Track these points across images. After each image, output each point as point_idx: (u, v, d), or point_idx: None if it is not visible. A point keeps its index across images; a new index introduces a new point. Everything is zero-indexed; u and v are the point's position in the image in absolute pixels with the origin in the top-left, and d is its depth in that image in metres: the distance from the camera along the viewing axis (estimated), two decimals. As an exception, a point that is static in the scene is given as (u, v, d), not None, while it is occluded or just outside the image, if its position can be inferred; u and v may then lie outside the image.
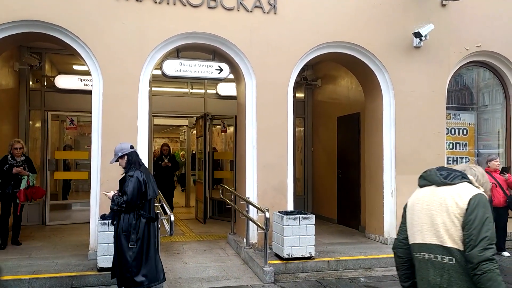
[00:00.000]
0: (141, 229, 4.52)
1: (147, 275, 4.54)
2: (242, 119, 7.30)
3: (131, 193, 4.45)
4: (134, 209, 4.52)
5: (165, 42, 6.66)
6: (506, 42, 7.91)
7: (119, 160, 4.70)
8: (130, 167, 4.66)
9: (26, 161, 7.06)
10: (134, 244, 4.45)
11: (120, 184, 4.77)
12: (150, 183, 4.65)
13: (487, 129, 8.57)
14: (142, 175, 4.60)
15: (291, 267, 6.11)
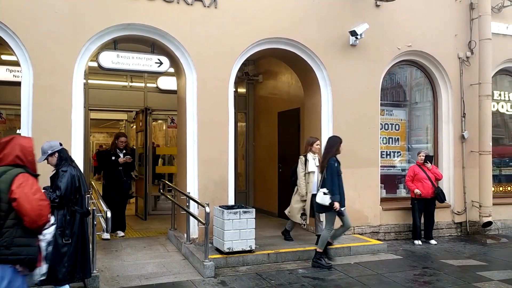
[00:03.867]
0: (76, 224, 4.45)
1: (83, 269, 4.49)
2: (182, 114, 7.22)
3: (64, 187, 4.37)
4: (68, 204, 4.43)
5: (101, 33, 6.43)
6: (434, 42, 8.39)
7: (49, 158, 4.58)
8: (62, 164, 4.56)
9: None
10: (68, 239, 4.38)
11: (51, 180, 4.63)
12: (82, 179, 4.58)
13: (418, 125, 9.05)
14: (75, 170, 4.57)
15: (232, 261, 6.15)
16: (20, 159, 3.22)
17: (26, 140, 3.35)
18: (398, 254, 7.07)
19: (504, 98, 9.60)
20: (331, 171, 6.05)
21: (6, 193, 3.03)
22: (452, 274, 6.00)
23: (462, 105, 8.60)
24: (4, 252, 2.98)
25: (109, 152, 7.91)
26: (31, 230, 3.09)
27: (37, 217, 3.06)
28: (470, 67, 8.60)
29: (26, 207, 3.02)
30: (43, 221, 3.11)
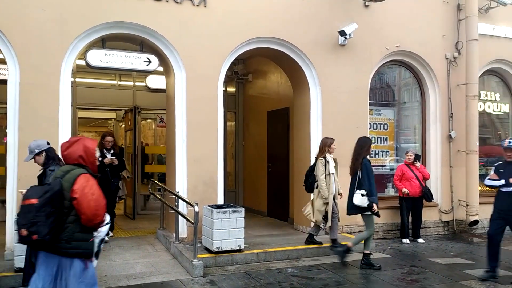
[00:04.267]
0: None
1: None
2: (171, 113, 7.20)
3: None
4: None
5: (89, 31, 6.38)
6: (422, 43, 8.46)
7: (36, 157, 4.54)
8: (50, 163, 4.51)
9: None
10: None
11: (39, 180, 4.58)
12: None
13: (407, 124, 9.12)
14: None
15: (221, 260, 6.15)
16: (83, 159, 3.42)
17: (90, 142, 3.55)
18: (386, 253, 7.12)
19: (490, 98, 9.72)
20: (368, 172, 6.06)
21: (68, 192, 3.22)
22: (439, 272, 6.06)
23: (449, 105, 8.69)
24: (65, 246, 3.21)
25: None
26: (85, 228, 3.27)
27: (93, 216, 3.24)
28: (457, 67, 8.69)
29: (84, 206, 3.20)
30: (98, 220, 3.31)
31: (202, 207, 6.41)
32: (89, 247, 3.30)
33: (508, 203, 5.52)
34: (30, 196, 3.18)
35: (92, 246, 3.33)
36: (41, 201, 3.14)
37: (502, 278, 5.81)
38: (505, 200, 5.57)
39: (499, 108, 9.80)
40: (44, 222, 3.09)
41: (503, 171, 5.60)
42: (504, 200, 5.58)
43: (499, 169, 5.69)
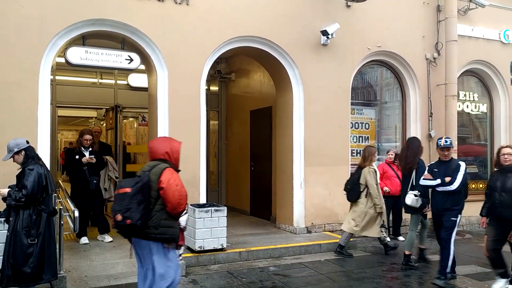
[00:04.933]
0: (42, 224, 4.38)
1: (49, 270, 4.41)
2: (153, 111, 7.14)
3: (31, 186, 4.29)
4: (34, 203, 4.35)
5: (69, 28, 6.28)
6: (403, 43, 8.57)
7: (15, 156, 4.49)
8: (29, 162, 4.47)
9: None
10: (34, 240, 4.30)
11: (17, 179, 4.53)
12: (49, 177, 4.50)
13: (388, 124, 9.23)
14: (42, 169, 4.50)
15: (203, 259, 6.13)
16: (168, 155, 3.91)
17: (176, 141, 4.10)
18: (367, 251, 7.20)
19: (469, 98, 9.90)
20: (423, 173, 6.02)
21: (156, 183, 3.66)
22: (418, 269, 6.15)
23: (429, 104, 8.83)
24: (153, 232, 3.63)
25: (73, 150, 7.20)
26: (171, 215, 3.70)
27: (177, 204, 3.66)
28: (437, 67, 8.84)
29: (169, 195, 3.63)
30: (181, 208, 3.72)
31: (184, 206, 6.37)
32: (173, 233, 3.71)
33: (443, 202, 5.51)
34: (124, 186, 3.63)
35: (176, 232, 3.74)
36: (134, 190, 3.57)
37: (479, 274, 5.94)
38: (439, 200, 5.54)
39: (477, 108, 9.99)
40: (136, 209, 3.52)
41: (437, 170, 5.59)
42: (439, 199, 5.56)
43: (433, 168, 5.67)
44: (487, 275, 5.88)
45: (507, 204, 4.93)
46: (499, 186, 5.02)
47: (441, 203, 5.53)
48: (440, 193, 5.53)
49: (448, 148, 5.61)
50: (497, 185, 5.03)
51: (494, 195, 5.07)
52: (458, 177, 5.44)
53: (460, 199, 5.57)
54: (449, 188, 5.44)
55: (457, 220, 5.52)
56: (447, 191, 5.47)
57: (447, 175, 5.48)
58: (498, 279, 5.20)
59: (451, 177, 5.45)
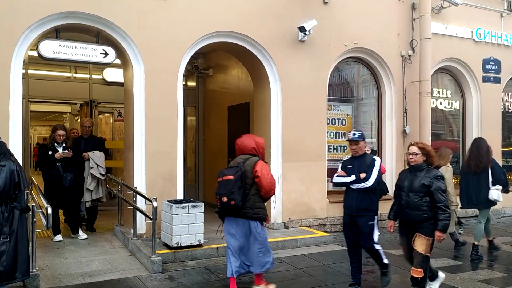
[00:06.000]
0: (15, 221, 4.28)
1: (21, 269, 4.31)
2: (129, 107, 7.05)
3: (3, 183, 4.19)
4: (6, 200, 4.25)
5: (42, 21, 6.14)
6: (379, 40, 8.68)
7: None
8: (1, 158, 4.36)
9: None
10: (7, 237, 4.20)
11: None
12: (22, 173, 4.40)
13: (364, 120, 9.34)
14: (14, 165, 4.39)
15: (180, 255, 6.10)
16: (255, 150, 4.87)
17: (259, 138, 5.07)
18: (343, 245, 7.21)
19: (442, 95, 10.12)
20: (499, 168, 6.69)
21: (251, 172, 4.64)
22: (393, 263, 6.23)
23: (404, 101, 8.97)
24: (250, 212, 4.65)
25: (46, 146, 7.03)
26: (262, 198, 4.73)
27: (269, 190, 4.71)
28: (412, 65, 8.99)
29: (263, 182, 4.64)
30: (272, 193, 4.80)
31: (161, 202, 6.33)
32: (264, 213, 4.75)
33: (358, 201, 4.91)
34: (227, 174, 4.61)
35: (265, 213, 4.79)
36: (235, 177, 4.54)
37: (450, 267, 6.09)
38: (354, 199, 4.94)
39: (451, 104, 10.22)
40: (237, 192, 4.50)
41: (351, 166, 5.03)
42: (352, 198, 4.96)
43: (346, 165, 5.11)
44: (459, 268, 6.06)
45: (413, 206, 4.50)
46: (406, 185, 4.59)
47: (356, 202, 4.93)
48: (355, 191, 4.93)
49: (356, 141, 4.99)
50: (405, 185, 4.61)
51: (401, 196, 4.64)
52: (373, 173, 4.90)
53: (375, 198, 5.03)
54: (365, 185, 4.87)
55: (375, 222, 4.98)
56: (362, 189, 4.89)
57: (361, 171, 4.92)
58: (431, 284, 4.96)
59: (366, 173, 4.90)
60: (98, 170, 7.20)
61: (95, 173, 7.15)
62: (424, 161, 4.58)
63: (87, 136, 7.61)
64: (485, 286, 5.30)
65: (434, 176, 4.48)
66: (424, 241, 4.47)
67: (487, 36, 10.02)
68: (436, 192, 4.42)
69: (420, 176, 4.53)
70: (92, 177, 7.16)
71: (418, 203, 4.49)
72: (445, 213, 4.40)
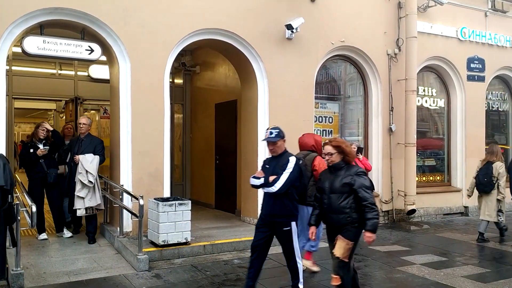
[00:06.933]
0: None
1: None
2: (116, 104, 6.99)
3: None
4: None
5: (26, 17, 6.04)
6: (365, 39, 8.74)
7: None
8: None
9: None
10: None
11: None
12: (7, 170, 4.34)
13: (351, 118, 9.40)
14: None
15: (167, 253, 6.08)
16: (315, 147, 5.60)
17: (318, 136, 5.91)
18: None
19: (428, 93, 10.23)
20: None
21: (310, 166, 5.33)
22: (378, 259, 6.34)
23: (390, 99, 9.05)
24: (308, 200, 5.16)
25: (27, 144, 6.88)
26: None
27: None
28: (398, 63, 9.07)
29: None
30: None
31: (148, 200, 6.30)
32: None
33: (270, 205, 4.48)
34: None
35: None
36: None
37: (435, 263, 6.18)
38: (266, 202, 4.56)
39: (436, 103, 10.34)
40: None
41: (268, 167, 4.59)
42: (265, 202, 4.57)
43: (265, 165, 4.70)
44: (443, 264, 6.14)
45: (336, 209, 4.12)
46: (327, 187, 4.21)
47: (268, 207, 4.51)
48: (267, 195, 4.52)
49: (272, 142, 4.54)
50: (326, 186, 4.22)
51: (323, 199, 4.24)
52: (282, 177, 4.38)
53: (290, 202, 4.49)
54: (270, 189, 4.40)
55: (292, 229, 4.50)
56: (272, 193, 4.43)
57: (274, 173, 4.46)
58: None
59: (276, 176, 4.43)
60: (86, 176, 6.40)
61: (82, 179, 6.38)
62: (341, 159, 4.21)
63: (84, 137, 6.77)
64: (469, 281, 5.38)
65: (356, 173, 4.13)
66: (343, 244, 4.07)
67: (472, 35, 10.15)
68: (359, 190, 4.04)
69: (340, 175, 4.16)
70: (82, 183, 6.41)
71: (341, 205, 4.09)
72: (373, 211, 4.02)
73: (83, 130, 6.76)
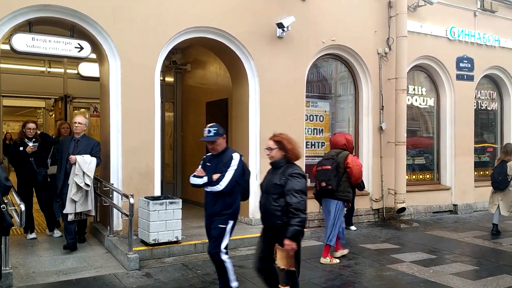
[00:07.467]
0: None
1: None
2: (106, 102, 6.94)
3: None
4: None
5: (14, 14, 5.98)
6: (356, 38, 8.77)
7: None
8: None
9: None
10: None
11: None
12: None
13: (342, 117, 9.43)
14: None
15: (157, 252, 6.06)
16: (346, 145, 6.08)
17: (349, 136, 6.45)
18: (320, 240, 7.35)
19: (418, 92, 10.30)
20: None
21: (343, 163, 5.84)
22: (369, 257, 6.37)
23: (380, 98, 9.10)
24: (341, 195, 5.86)
25: (16, 142, 6.77)
26: (351, 185, 5.99)
27: (358, 178, 5.99)
28: (388, 62, 9.12)
29: (354, 172, 5.87)
30: (359, 181, 6.17)
31: (138, 199, 6.27)
32: (351, 197, 6.05)
33: (212, 205, 4.33)
34: (325, 164, 5.87)
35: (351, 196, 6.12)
36: (332, 167, 5.79)
37: (424, 261, 6.23)
38: (209, 203, 4.38)
39: (426, 101, 10.41)
40: (333, 179, 5.75)
41: (210, 165, 4.42)
42: (207, 201, 4.41)
43: (206, 163, 4.50)
44: (432, 261, 6.19)
45: (268, 210, 3.89)
46: (264, 186, 4.03)
47: (210, 206, 4.35)
48: (209, 194, 4.34)
49: (211, 142, 4.36)
50: (263, 185, 4.05)
51: (261, 197, 4.05)
52: (227, 175, 4.23)
53: (233, 202, 4.35)
54: (215, 188, 4.24)
55: (227, 227, 4.31)
56: (215, 192, 4.27)
57: (218, 171, 4.29)
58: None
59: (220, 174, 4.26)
60: (83, 178, 6.00)
61: (79, 181, 5.96)
62: (283, 156, 3.94)
63: (80, 137, 6.32)
64: (457, 278, 5.44)
65: (290, 174, 3.81)
66: (283, 254, 3.78)
67: (461, 34, 10.23)
68: (288, 193, 3.74)
69: (277, 174, 3.89)
70: (78, 186, 6.01)
71: (272, 206, 3.82)
72: (297, 217, 3.69)
73: (78, 130, 6.31)
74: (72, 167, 6.06)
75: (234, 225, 4.42)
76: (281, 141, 3.94)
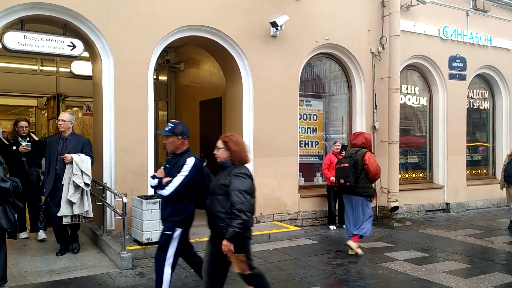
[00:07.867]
0: None
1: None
2: (98, 100, 6.91)
3: None
4: None
5: (6, 12, 5.93)
6: (349, 37, 8.79)
7: None
8: None
9: None
10: None
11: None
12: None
13: (336, 116, 9.46)
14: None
15: (151, 251, 6.01)
16: (364, 144, 6.38)
17: (368, 134, 6.70)
18: (314, 239, 7.39)
19: (411, 91, 10.35)
20: None
21: (361, 161, 6.20)
22: (362, 255, 6.39)
23: (374, 97, 9.13)
24: (360, 191, 6.23)
25: (9, 141, 6.60)
26: (370, 181, 6.29)
27: (376, 175, 6.26)
28: (381, 61, 9.15)
29: (371, 168, 6.17)
30: (377, 177, 6.35)
31: (132, 198, 6.25)
32: (372, 192, 6.30)
33: (162, 209, 4.25)
34: (343, 162, 6.34)
35: (373, 192, 6.33)
36: (350, 164, 6.19)
37: (417, 259, 6.27)
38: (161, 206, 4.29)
39: (419, 101, 10.46)
40: (352, 176, 6.15)
41: (169, 166, 4.22)
42: (161, 205, 4.33)
43: (166, 164, 4.30)
44: (425, 260, 6.23)
45: (211, 211, 3.74)
46: (211, 187, 3.92)
47: (161, 211, 4.26)
48: (163, 197, 4.19)
49: (167, 136, 4.16)
50: (210, 186, 3.95)
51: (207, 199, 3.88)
52: (176, 180, 4.02)
53: (182, 208, 4.13)
54: (162, 193, 4.08)
55: (174, 234, 4.10)
56: (164, 196, 4.11)
57: (170, 174, 4.12)
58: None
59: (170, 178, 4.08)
60: (82, 178, 5.71)
61: (78, 181, 5.66)
62: (229, 157, 3.82)
63: (68, 135, 5.96)
64: (450, 276, 5.47)
65: (235, 174, 3.66)
66: (235, 260, 3.69)
67: (454, 34, 10.29)
68: (231, 193, 3.57)
69: (223, 175, 3.76)
70: (75, 186, 5.70)
71: (216, 208, 3.68)
72: (238, 219, 3.50)
73: (62, 127, 5.89)
74: (65, 167, 5.75)
75: (185, 233, 4.18)
76: (227, 141, 3.84)
